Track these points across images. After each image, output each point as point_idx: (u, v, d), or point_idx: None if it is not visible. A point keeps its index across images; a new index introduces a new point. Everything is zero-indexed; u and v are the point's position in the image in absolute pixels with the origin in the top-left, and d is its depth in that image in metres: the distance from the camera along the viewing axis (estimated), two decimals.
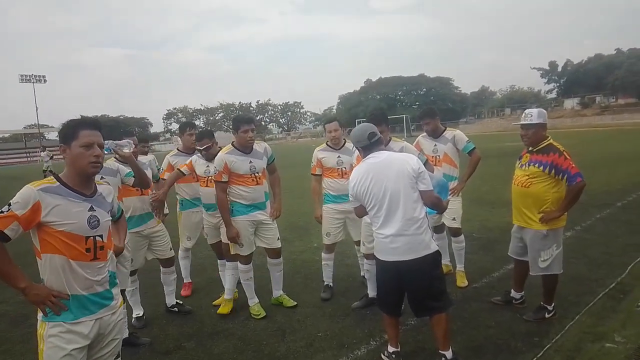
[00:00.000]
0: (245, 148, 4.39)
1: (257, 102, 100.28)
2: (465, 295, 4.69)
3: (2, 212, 2.15)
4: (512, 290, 4.33)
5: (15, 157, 67.38)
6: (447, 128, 5.15)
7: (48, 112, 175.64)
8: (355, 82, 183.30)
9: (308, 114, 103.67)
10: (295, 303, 4.69)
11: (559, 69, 70.50)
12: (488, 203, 9.06)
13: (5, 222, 2.13)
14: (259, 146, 4.52)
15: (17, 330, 4.58)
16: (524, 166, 3.96)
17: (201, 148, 4.69)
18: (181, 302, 4.83)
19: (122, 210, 2.83)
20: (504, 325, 3.97)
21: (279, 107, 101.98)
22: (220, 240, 4.80)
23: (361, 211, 3.41)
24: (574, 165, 3.73)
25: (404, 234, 3.13)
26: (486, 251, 5.96)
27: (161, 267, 4.69)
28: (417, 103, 75.31)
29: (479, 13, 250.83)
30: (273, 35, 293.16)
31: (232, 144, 4.44)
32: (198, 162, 4.80)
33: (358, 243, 4.89)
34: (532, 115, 3.86)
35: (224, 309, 4.58)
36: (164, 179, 4.95)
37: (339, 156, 4.76)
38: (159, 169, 5.07)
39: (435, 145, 5.07)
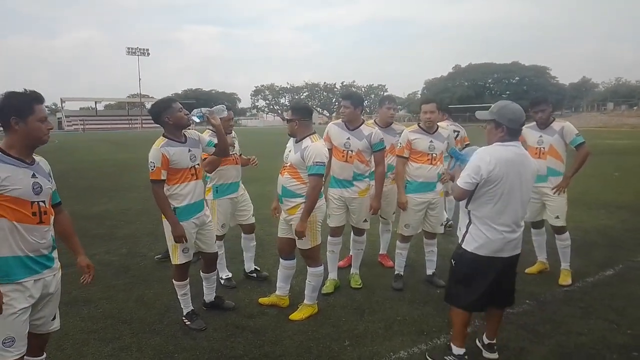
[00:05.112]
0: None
1: (342, 83, 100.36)
2: (555, 297, 4.45)
3: None
4: None
5: (119, 123, 73.23)
6: (556, 119, 4.83)
7: (150, 84, 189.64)
8: (443, 68, 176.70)
9: None
10: (360, 285, 4.73)
11: None
12: (583, 204, 8.43)
13: None
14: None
15: (121, 279, 5.06)
16: None
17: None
18: (259, 269, 5.04)
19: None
20: (597, 334, 3.72)
21: (363, 89, 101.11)
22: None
23: (465, 195, 3.09)
24: None
25: (518, 230, 3.12)
26: (580, 254, 5.56)
27: (242, 234, 4.97)
28: (507, 92, 71.07)
29: None
30: (362, 17, 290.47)
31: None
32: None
33: (432, 236, 4.80)
34: None
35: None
36: None
37: (431, 141, 4.54)
38: None
39: (541, 136, 4.77)
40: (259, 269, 5.05)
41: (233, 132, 4.73)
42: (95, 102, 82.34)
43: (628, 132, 38.19)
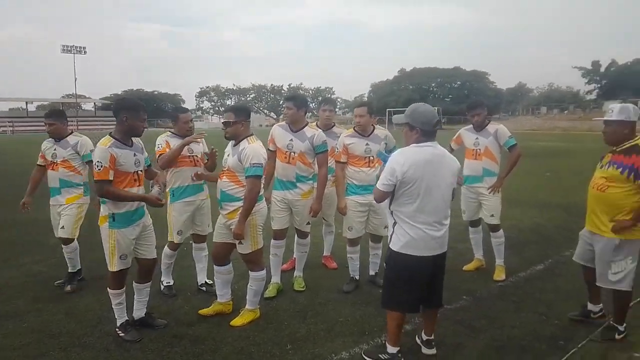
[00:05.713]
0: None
1: (289, 85, 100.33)
2: (490, 293, 4.63)
3: None
4: (589, 303, 3.93)
5: None
6: (491, 122, 5.05)
7: (86, 84, 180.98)
8: (389, 71, 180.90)
9: (339, 100, 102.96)
10: (304, 288, 4.71)
11: (602, 69, 67.90)
12: (518, 203, 8.85)
13: None
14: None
15: (49, 290, 4.75)
16: (603, 167, 3.59)
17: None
18: (211, 283, 4.63)
19: None
20: (528, 326, 3.90)
21: (310, 91, 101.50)
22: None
23: (384, 197, 3.20)
24: None
25: (442, 228, 3.18)
26: (514, 251, 5.82)
27: (193, 243, 4.76)
28: (450, 96, 74.01)
29: (519, 4, 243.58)
30: (312, 19, 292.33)
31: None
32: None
33: (377, 239, 4.85)
34: (613, 110, 3.49)
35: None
36: None
37: (367, 144, 4.57)
38: None
39: (477, 138, 4.98)
40: (210, 282, 4.66)
41: (195, 133, 4.58)
42: (27, 103, 77.48)
43: (560, 134, 40.71)
